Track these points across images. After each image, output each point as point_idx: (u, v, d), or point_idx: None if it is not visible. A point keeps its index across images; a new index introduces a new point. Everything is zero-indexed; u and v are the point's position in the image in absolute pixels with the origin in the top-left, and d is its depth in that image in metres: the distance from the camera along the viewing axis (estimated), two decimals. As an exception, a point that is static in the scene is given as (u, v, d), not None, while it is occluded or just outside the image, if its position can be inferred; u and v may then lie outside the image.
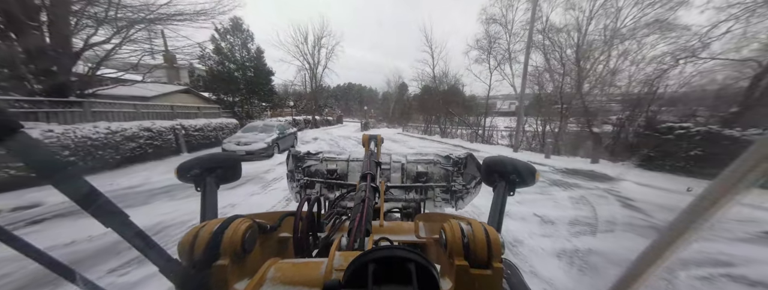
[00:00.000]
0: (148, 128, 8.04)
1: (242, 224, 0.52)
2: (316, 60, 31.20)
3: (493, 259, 0.47)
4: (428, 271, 0.35)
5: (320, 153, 1.73)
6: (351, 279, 0.35)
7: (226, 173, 0.78)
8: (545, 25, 14.33)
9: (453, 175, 1.59)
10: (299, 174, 1.64)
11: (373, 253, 0.36)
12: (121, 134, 7.15)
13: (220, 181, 0.76)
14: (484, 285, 0.46)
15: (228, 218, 0.52)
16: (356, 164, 1.65)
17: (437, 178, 1.61)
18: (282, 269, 0.49)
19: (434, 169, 1.63)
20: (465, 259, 0.47)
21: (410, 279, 0.34)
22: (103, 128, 6.76)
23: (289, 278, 0.46)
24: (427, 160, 1.67)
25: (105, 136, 6.71)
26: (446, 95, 21.05)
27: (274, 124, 10.68)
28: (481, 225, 0.52)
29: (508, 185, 0.76)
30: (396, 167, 1.64)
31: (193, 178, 0.73)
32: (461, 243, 0.48)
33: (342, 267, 0.46)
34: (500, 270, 0.47)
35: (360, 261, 0.35)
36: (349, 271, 0.36)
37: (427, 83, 23.22)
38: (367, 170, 0.96)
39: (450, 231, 0.51)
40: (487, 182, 0.85)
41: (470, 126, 18.36)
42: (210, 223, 0.51)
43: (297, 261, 0.53)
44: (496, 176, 0.80)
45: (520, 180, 0.77)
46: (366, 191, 0.80)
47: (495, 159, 0.84)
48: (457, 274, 0.46)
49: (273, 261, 0.51)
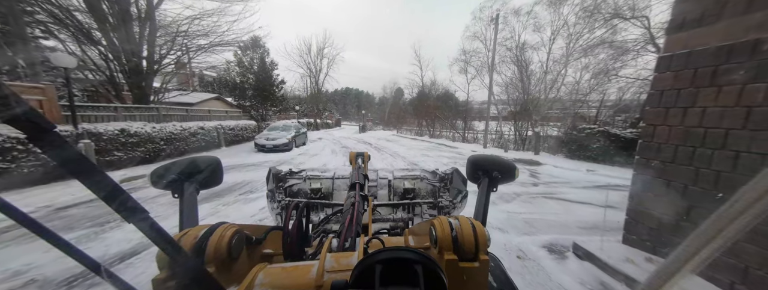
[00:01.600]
0: (202, 126, 10.74)
1: (228, 230, 0.52)
2: (318, 68, 34.21)
3: (480, 252, 0.49)
4: (435, 273, 0.37)
5: (303, 172, 1.70)
6: (358, 280, 0.37)
7: (207, 177, 0.75)
8: (517, 43, 17.41)
9: (440, 190, 1.62)
10: (280, 194, 1.56)
11: (380, 254, 0.37)
12: (188, 131, 9.86)
13: (200, 186, 0.73)
14: (471, 278, 0.48)
15: (213, 224, 0.52)
16: (341, 181, 1.63)
17: (424, 194, 1.62)
18: (271, 274, 0.49)
19: (421, 185, 1.64)
20: (454, 253, 0.49)
21: (417, 281, 0.35)
22: (178, 126, 9.47)
23: (279, 282, 0.46)
24: (414, 176, 1.68)
25: (180, 132, 9.41)
26: (434, 101, 24.14)
27: (291, 125, 13.46)
28: (468, 219, 0.54)
29: (491, 181, 0.81)
30: (383, 183, 1.64)
31: (170, 184, 0.69)
32: (450, 237, 0.50)
33: (334, 269, 0.48)
34: (486, 262, 0.49)
35: (368, 262, 0.37)
36: (356, 272, 0.37)
37: (420, 90, 26.42)
38: (356, 180, 1.03)
39: (439, 227, 0.52)
40: (471, 179, 0.90)
41: (454, 128, 21.35)
42: (192, 230, 0.51)
43: (286, 265, 0.54)
44: (480, 173, 0.84)
45: (502, 176, 0.82)
46: (355, 197, 0.87)
47: (479, 157, 0.88)
48: (447, 268, 0.47)
49: (261, 266, 0.51)
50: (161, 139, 8.49)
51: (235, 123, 13.63)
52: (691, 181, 2.27)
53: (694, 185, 2.25)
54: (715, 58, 2.14)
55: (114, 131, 7.12)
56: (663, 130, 2.52)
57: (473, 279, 0.48)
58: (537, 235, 3.51)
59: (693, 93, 2.29)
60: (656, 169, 2.55)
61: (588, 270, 2.63)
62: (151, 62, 9.70)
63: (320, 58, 34.05)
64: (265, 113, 20.29)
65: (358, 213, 0.78)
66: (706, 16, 2.21)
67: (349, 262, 0.52)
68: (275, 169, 1.61)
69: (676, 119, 2.41)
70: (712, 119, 2.15)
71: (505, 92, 17.31)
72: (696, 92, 2.27)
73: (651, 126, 2.63)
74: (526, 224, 3.94)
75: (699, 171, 2.22)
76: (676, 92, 2.42)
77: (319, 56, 33.93)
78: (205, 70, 14.03)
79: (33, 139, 0.25)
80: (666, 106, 2.50)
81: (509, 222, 4.01)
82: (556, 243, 3.23)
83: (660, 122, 2.55)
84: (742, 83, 1.97)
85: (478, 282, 0.49)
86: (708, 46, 2.19)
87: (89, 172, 0.28)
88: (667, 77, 2.51)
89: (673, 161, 2.42)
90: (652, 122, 2.62)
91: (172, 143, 8.98)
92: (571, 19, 14.70)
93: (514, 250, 3.09)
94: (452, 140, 20.22)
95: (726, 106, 2.06)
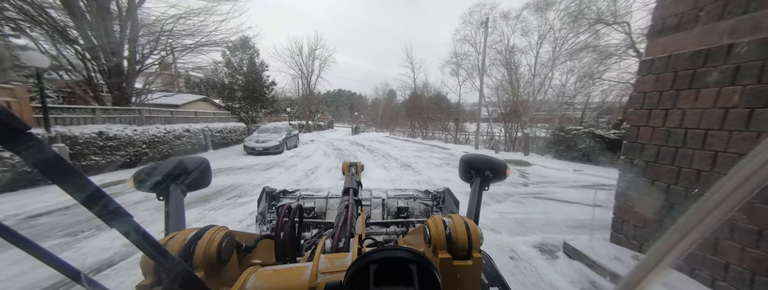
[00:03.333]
0: (188, 129, 10.41)
1: (218, 233, 0.50)
2: (310, 69, 33.93)
3: (473, 250, 0.50)
4: (430, 272, 0.37)
5: (297, 191, 1.69)
6: (352, 280, 0.36)
7: (194, 179, 0.72)
8: (507, 46, 17.79)
9: (432, 209, 1.64)
10: (272, 214, 1.54)
11: (375, 254, 0.37)
12: (172, 134, 9.51)
13: (187, 188, 0.70)
14: (465, 275, 0.48)
15: (202, 228, 0.50)
16: (335, 201, 1.62)
17: (418, 213, 1.64)
18: (263, 277, 0.48)
19: (414, 204, 1.66)
20: (448, 252, 0.49)
21: (411, 280, 0.35)
22: (162, 129, 9.13)
23: (271, 285, 0.46)
24: (407, 195, 1.70)
25: (163, 135, 9.07)
26: (427, 102, 24.34)
27: (282, 127, 13.25)
28: (462, 218, 0.54)
29: (483, 180, 0.82)
30: (376, 203, 1.65)
31: (154, 186, 0.65)
32: (444, 236, 0.50)
33: (328, 270, 0.48)
34: (479, 260, 0.49)
35: (362, 262, 0.36)
36: (350, 272, 0.37)
37: (412, 92, 26.60)
38: (349, 186, 1.04)
39: (433, 225, 0.53)
40: (464, 179, 0.90)
41: (446, 130, 21.61)
42: (180, 233, 0.49)
43: (278, 267, 0.53)
44: (473, 173, 0.85)
45: (494, 176, 0.83)
46: (349, 200, 0.88)
47: (471, 157, 0.89)
48: (441, 266, 0.48)
49: (253, 269, 0.50)
50: (143, 142, 8.16)
51: (222, 125, 13.30)
52: (674, 180, 2.35)
53: (676, 184, 2.33)
54: (693, 62, 2.23)
55: (91, 135, 6.79)
56: (646, 131, 2.61)
57: (467, 277, 0.48)
58: (528, 235, 3.56)
59: (673, 95, 2.38)
60: (640, 168, 2.63)
61: (578, 268, 2.68)
62: (133, 62, 9.34)
63: (312, 59, 33.82)
64: (255, 115, 19.91)
65: (351, 215, 0.77)
66: (683, 22, 2.31)
67: (343, 263, 0.52)
68: (269, 188, 1.64)
69: (659, 120, 2.49)
70: (692, 120, 2.24)
71: (495, 94, 17.65)
72: (676, 94, 2.36)
73: (635, 127, 2.72)
74: (517, 224, 3.99)
75: (681, 170, 2.30)
76: (658, 94, 2.51)
77: (310, 58, 33.69)
78: (191, 71, 13.66)
79: (6, 141, 0.23)
80: (648, 108, 2.59)
81: (501, 222, 4.05)
82: (547, 242, 3.27)
83: (643, 123, 2.63)
84: (717, 85, 2.06)
85: (472, 280, 0.49)
86: (686, 51, 2.28)
87: (68, 175, 0.27)
88: (648, 79, 2.60)
89: (657, 160, 2.50)
90: (636, 123, 2.71)
91: (155, 147, 8.65)
92: (556, 24, 15.18)
93: (506, 250, 3.12)
94: (444, 141, 20.40)
95: (705, 108, 2.15)
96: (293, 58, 33.51)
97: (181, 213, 0.65)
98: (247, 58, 18.39)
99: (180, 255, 0.45)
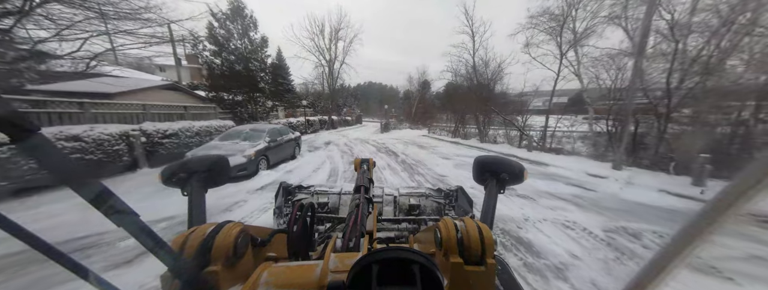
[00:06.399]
0: (77, 135, 5.61)
1: (234, 228, 0.52)
2: (333, 55, 28.75)
3: (486, 256, 0.49)
4: (432, 273, 0.35)
5: (312, 187, 1.85)
6: (355, 280, 0.35)
7: (214, 175, 0.76)
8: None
9: (445, 208, 1.72)
10: (288, 208, 1.68)
11: (377, 254, 0.36)
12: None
13: (207, 184, 0.74)
14: (477, 282, 0.47)
15: (219, 223, 0.53)
16: (348, 197, 1.67)
17: (430, 211, 1.73)
18: (275, 273, 0.49)
19: (426, 202, 1.75)
20: (460, 256, 0.49)
21: (414, 281, 0.34)
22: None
23: (283, 281, 0.47)
24: (419, 193, 1.81)
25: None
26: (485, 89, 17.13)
27: (264, 128, 7.94)
28: (475, 222, 0.54)
29: (499, 183, 0.80)
30: (388, 200, 1.76)
31: (179, 182, 0.71)
32: (455, 240, 0.50)
33: (337, 269, 0.48)
34: (493, 266, 0.48)
35: (364, 262, 0.35)
36: (352, 272, 0.36)
37: (465, 73, 19.18)
38: (361, 183, 1.03)
39: (445, 229, 0.53)
40: (478, 181, 0.87)
41: (519, 128, 14.41)
42: (200, 228, 0.51)
43: (291, 264, 0.54)
44: (488, 175, 0.83)
45: (510, 178, 0.80)
46: (360, 198, 0.90)
47: (486, 158, 0.88)
48: (452, 272, 0.48)
49: (266, 265, 0.52)
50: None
51: (183, 125, 8.50)
52: None
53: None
54: None
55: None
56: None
57: (479, 284, 0.47)
58: None
59: None
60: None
61: None
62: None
63: (335, 42, 28.39)
64: (255, 109, 15.23)
65: (362, 214, 0.79)
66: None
67: (352, 262, 0.49)
68: (285, 183, 1.81)
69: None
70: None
71: (596, 78, 10.22)
72: None
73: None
74: None
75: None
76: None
77: (333, 40, 28.30)
78: (150, 46, 8.93)
79: (18, 141, 0.24)
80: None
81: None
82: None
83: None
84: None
85: (485, 287, 0.48)
86: None
87: (76, 175, 0.28)
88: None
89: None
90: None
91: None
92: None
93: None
94: (518, 146, 13.50)
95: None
96: (313, 40, 28.55)
97: (203, 208, 0.68)
98: (240, 29, 13.42)
99: (199, 250, 0.47)
